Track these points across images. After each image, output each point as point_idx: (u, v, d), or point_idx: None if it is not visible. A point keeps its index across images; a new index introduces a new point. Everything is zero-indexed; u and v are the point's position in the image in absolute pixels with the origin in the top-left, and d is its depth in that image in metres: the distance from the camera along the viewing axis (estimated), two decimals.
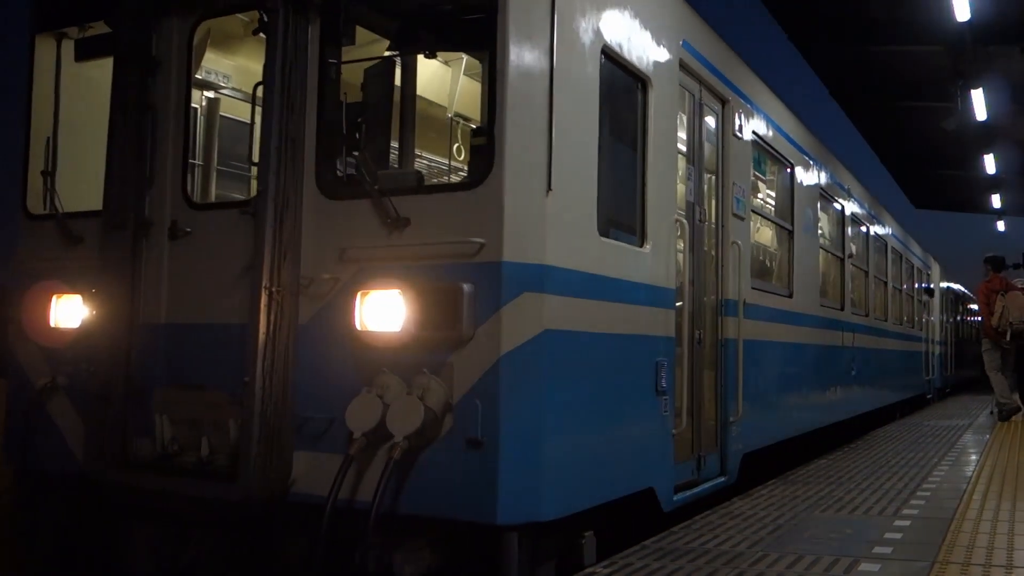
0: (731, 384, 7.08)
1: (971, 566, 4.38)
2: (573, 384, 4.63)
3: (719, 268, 7.06)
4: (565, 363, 4.56)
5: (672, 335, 5.93)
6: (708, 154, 7.07)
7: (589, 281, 4.81)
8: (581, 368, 4.73)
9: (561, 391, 4.51)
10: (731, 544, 4.94)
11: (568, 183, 4.62)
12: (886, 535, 5.14)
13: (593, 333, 4.86)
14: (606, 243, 5.06)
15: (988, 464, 8.39)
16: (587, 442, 4.77)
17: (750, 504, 6.25)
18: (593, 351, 4.86)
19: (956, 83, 14.37)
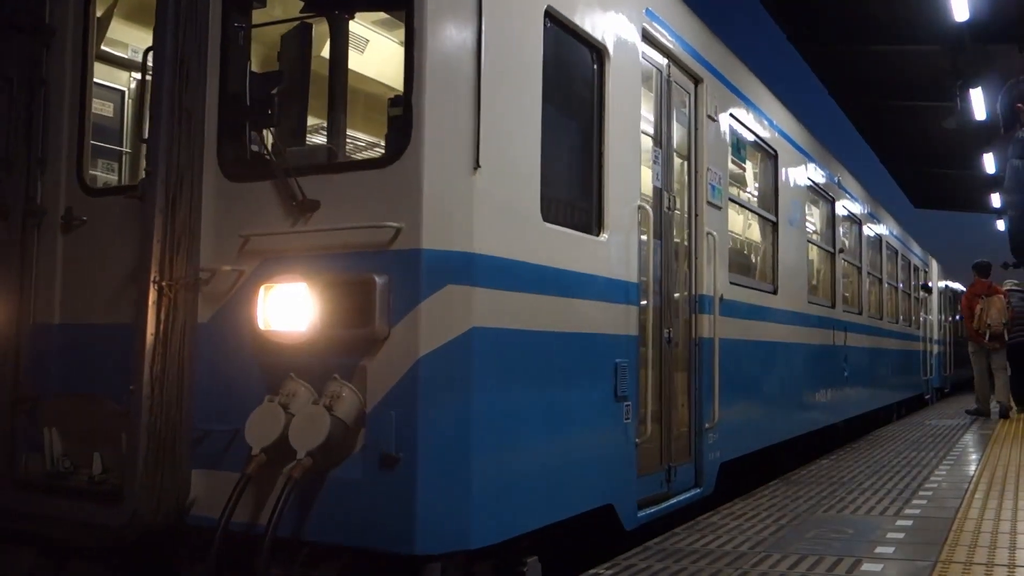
0: (706, 387, 6.50)
1: (973, 565, 4.32)
2: (510, 390, 4.05)
3: (692, 261, 6.48)
4: (500, 366, 3.98)
5: (635, 334, 5.35)
6: (679, 137, 6.48)
7: (531, 272, 4.23)
8: (521, 371, 4.15)
9: (495, 398, 3.93)
10: (733, 545, 4.87)
11: (503, 161, 4.05)
12: (888, 535, 5.07)
13: (536, 331, 4.28)
14: (553, 230, 4.48)
15: (989, 463, 8.27)
16: (529, 456, 4.19)
17: (752, 505, 6.16)
18: (536, 352, 4.28)
19: (955, 82, 14.21)
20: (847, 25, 13.58)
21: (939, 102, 15.42)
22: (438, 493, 3.66)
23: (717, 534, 5.22)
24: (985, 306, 13.49)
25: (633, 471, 5.34)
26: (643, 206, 5.46)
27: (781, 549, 4.77)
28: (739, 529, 5.35)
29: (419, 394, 3.64)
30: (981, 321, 13.53)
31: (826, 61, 15.14)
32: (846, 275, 12.47)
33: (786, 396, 8.66)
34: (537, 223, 4.33)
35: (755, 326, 7.72)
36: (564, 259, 4.57)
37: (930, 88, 15.33)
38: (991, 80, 13.83)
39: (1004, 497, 6.36)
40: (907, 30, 13.16)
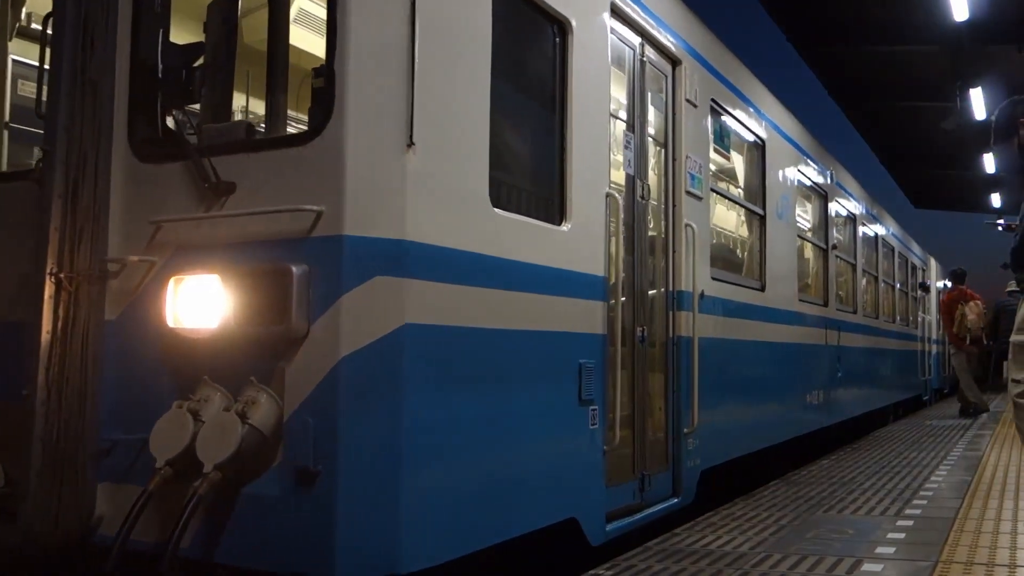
0: (685, 389, 6.08)
1: (974, 565, 4.31)
2: (451, 394, 3.63)
3: (670, 254, 6.06)
4: (439, 367, 3.56)
5: (603, 332, 4.93)
6: (655, 122, 6.07)
7: (478, 264, 3.81)
8: (465, 373, 3.72)
9: (432, 403, 3.51)
10: (734, 545, 4.86)
11: (443, 139, 3.63)
12: (889, 535, 5.07)
13: (484, 329, 3.86)
14: (505, 218, 4.06)
15: (990, 463, 8.23)
16: (473, 468, 3.77)
17: (752, 505, 6.15)
18: (484, 352, 3.86)
19: (955, 83, 14.29)
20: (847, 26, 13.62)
21: (939, 102, 15.46)
22: (362, 512, 3.23)
23: (717, 534, 5.16)
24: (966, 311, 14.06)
25: (601, 481, 4.92)
26: (612, 194, 5.04)
27: (782, 549, 4.74)
28: (739, 529, 5.30)
29: (340, 400, 3.22)
30: (962, 325, 14.11)
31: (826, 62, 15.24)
32: (840, 273, 12.05)
33: (774, 399, 8.24)
34: (485, 209, 3.91)
35: (740, 325, 7.30)
36: (519, 250, 4.15)
37: (930, 88, 15.41)
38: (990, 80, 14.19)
39: (1005, 497, 6.28)
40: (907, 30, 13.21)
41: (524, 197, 4.45)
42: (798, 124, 9.75)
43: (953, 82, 14.24)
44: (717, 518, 5.71)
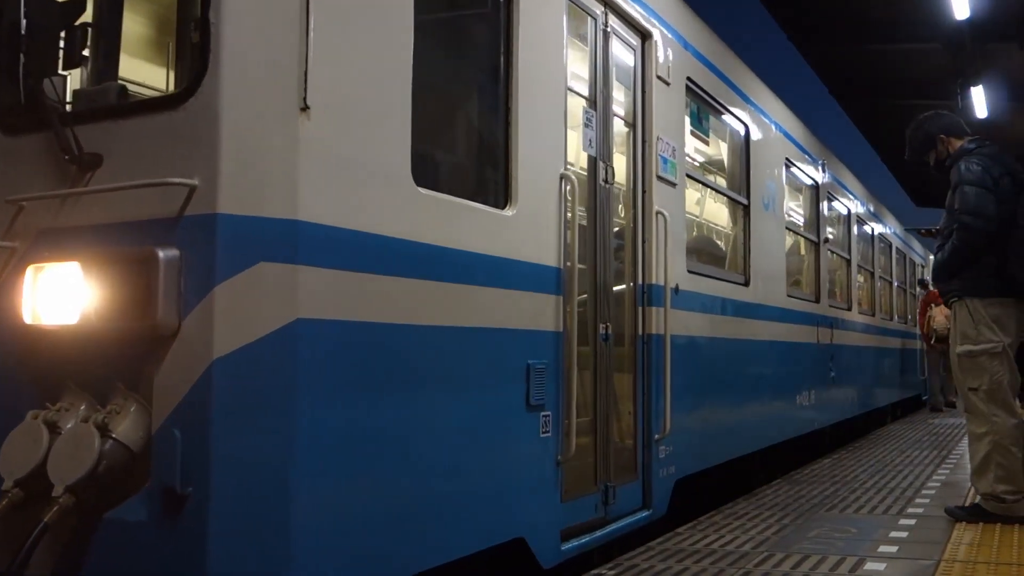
0: (656, 392, 5.56)
1: (977, 564, 4.30)
2: (359, 402, 3.11)
3: (639, 245, 5.55)
4: (343, 371, 3.04)
5: (557, 329, 4.43)
6: (622, 100, 5.56)
7: (393, 250, 3.29)
8: (377, 378, 3.21)
9: (333, 414, 2.99)
10: (736, 544, 4.83)
11: (348, 104, 3.11)
12: (891, 534, 5.04)
13: (403, 326, 3.34)
14: (432, 199, 3.55)
15: None
16: (388, 489, 3.24)
17: (755, 504, 6.11)
18: (403, 353, 3.34)
19: (956, 81, 14.19)
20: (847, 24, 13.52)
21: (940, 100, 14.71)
22: (240, 544, 2.72)
23: (720, 533, 5.12)
24: (934, 314, 14.89)
25: (555, 495, 4.41)
26: (568, 176, 4.53)
27: (784, 548, 4.71)
28: (742, 528, 5.26)
29: (213, 409, 2.70)
30: (930, 326, 15.00)
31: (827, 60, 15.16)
32: (833, 268, 11.54)
33: (759, 401, 7.72)
34: (407, 188, 3.39)
35: (721, 321, 6.79)
36: (449, 236, 3.64)
37: (931, 87, 15.29)
38: (992, 78, 14.18)
39: None
40: (907, 28, 13.13)
41: (458, 176, 3.96)
42: (787, 110, 9.23)
43: (954, 80, 14.17)
44: (719, 517, 5.64)
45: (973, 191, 5.12)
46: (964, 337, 5.11)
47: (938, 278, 5.31)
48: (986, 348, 5.07)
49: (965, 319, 5.13)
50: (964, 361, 5.13)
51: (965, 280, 5.13)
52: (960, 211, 5.08)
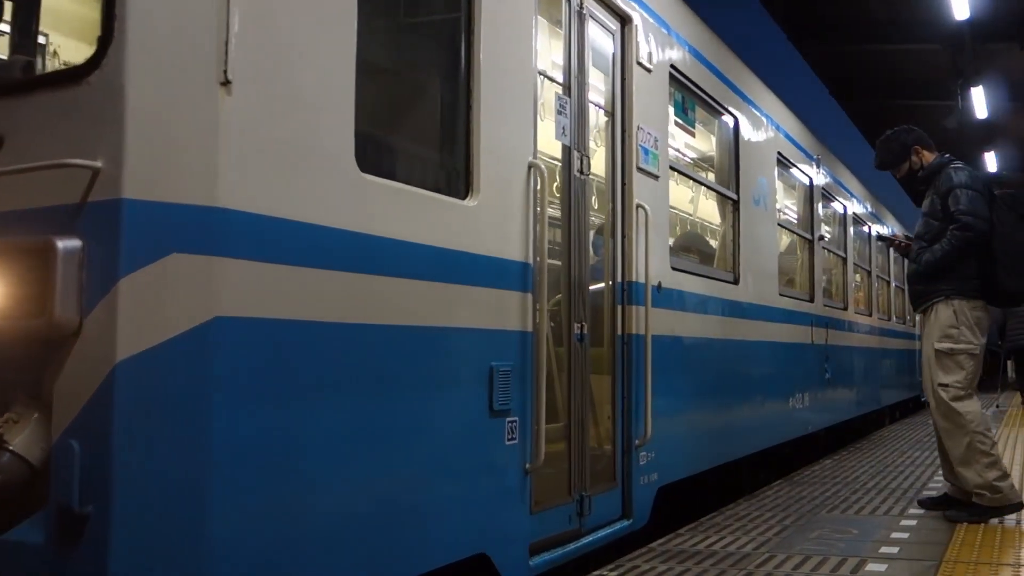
0: (637, 395, 5.27)
1: (979, 564, 4.27)
2: (292, 410, 2.81)
3: (619, 240, 5.25)
4: (272, 375, 2.75)
5: (524, 328, 4.13)
6: (600, 87, 5.27)
7: (333, 241, 3.00)
8: (315, 383, 2.91)
9: (259, 423, 2.69)
10: (738, 545, 4.83)
11: (279, 78, 2.82)
12: (893, 535, 5.03)
13: (345, 325, 3.05)
14: (379, 186, 3.25)
15: None
16: (327, 505, 2.95)
17: (756, 505, 6.12)
18: (345, 355, 3.04)
19: (956, 81, 14.41)
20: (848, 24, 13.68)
21: (940, 101, 15.54)
22: (146, 569, 2.42)
23: (721, 535, 5.12)
24: None
25: (523, 506, 4.12)
26: (538, 165, 4.24)
27: (786, 549, 4.70)
28: (743, 530, 5.27)
29: (116, 419, 2.41)
30: None
31: (827, 60, 15.34)
32: (829, 267, 11.25)
33: (749, 403, 7.43)
34: (350, 174, 3.10)
35: (708, 321, 6.50)
36: (402, 227, 3.34)
37: (931, 87, 15.68)
38: (992, 79, 14.51)
39: None
40: (908, 29, 13.31)
41: (412, 163, 3.66)
42: (780, 104, 8.94)
43: (954, 80, 14.36)
44: (721, 518, 5.64)
45: (968, 194, 5.35)
46: (945, 335, 5.29)
47: (921, 279, 5.45)
48: (966, 348, 5.30)
49: (949, 318, 5.31)
50: (942, 357, 5.30)
51: (952, 282, 5.33)
52: (959, 211, 5.27)
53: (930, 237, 5.44)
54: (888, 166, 5.73)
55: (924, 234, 5.50)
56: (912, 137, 5.68)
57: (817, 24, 13.91)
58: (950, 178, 5.43)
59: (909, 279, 5.62)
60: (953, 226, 5.28)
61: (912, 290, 5.59)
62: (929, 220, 5.49)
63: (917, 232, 5.62)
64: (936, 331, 5.33)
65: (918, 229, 5.60)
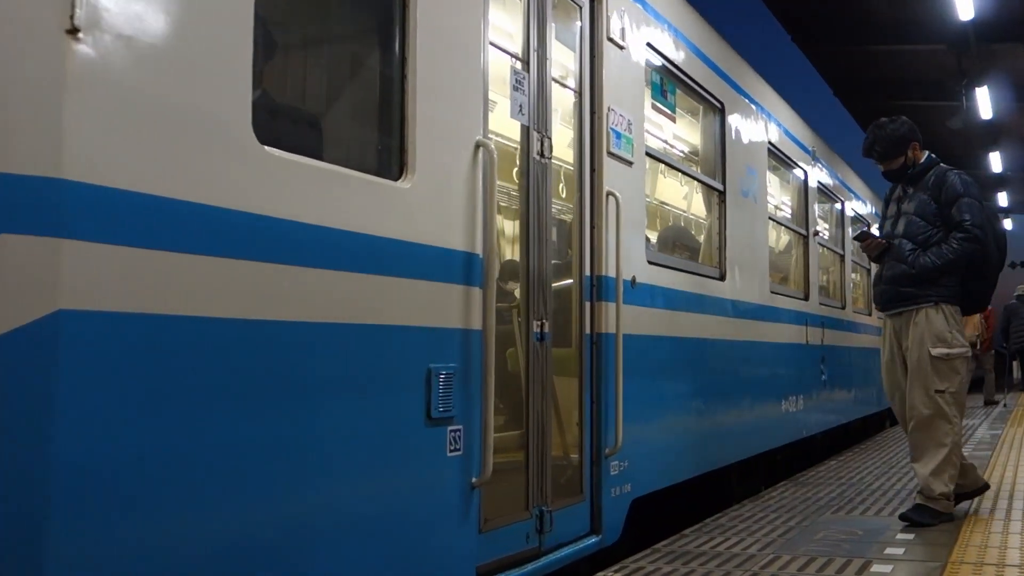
0: (607, 400, 4.84)
1: (984, 566, 4.26)
2: (160, 418, 2.38)
3: (586, 230, 4.82)
4: (136, 380, 2.32)
5: (470, 326, 3.70)
6: (566, 63, 4.85)
7: (222, 223, 2.57)
8: (196, 386, 2.48)
9: (116, 434, 2.26)
10: (743, 547, 4.81)
11: (147, 27, 2.39)
12: (898, 536, 5.02)
13: (237, 322, 2.62)
14: (284, 161, 2.82)
15: (999, 463, 8.10)
16: (219, 525, 2.53)
17: (761, 507, 6.09)
18: (234, 356, 2.61)
19: (960, 82, 14.36)
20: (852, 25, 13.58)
21: (944, 101, 15.46)
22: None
23: (726, 536, 5.10)
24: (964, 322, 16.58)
25: (469, 525, 3.69)
26: (487, 145, 3.81)
27: (790, 550, 4.68)
28: (748, 531, 5.24)
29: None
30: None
31: (831, 61, 15.26)
32: (826, 264, 10.82)
33: (736, 408, 6.99)
34: (245, 146, 2.67)
35: (690, 319, 6.06)
36: (316, 210, 2.91)
37: (935, 87, 15.48)
38: (997, 79, 14.47)
39: (1015, 497, 6.18)
40: (912, 29, 13.22)
41: (332, 137, 3.23)
42: (773, 94, 8.51)
43: (959, 81, 14.28)
44: (725, 519, 5.62)
45: (977, 205, 5.36)
46: (940, 340, 5.23)
47: (911, 281, 5.30)
48: (960, 352, 5.29)
49: (942, 323, 5.26)
50: (939, 363, 5.23)
51: (942, 287, 5.28)
52: (972, 223, 5.23)
53: (922, 239, 5.32)
54: (885, 157, 5.51)
55: (916, 235, 5.34)
56: (912, 130, 5.54)
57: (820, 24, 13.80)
58: (956, 185, 5.35)
59: (895, 279, 5.37)
60: (961, 235, 5.23)
61: (897, 291, 5.36)
62: (918, 221, 5.36)
63: (901, 232, 5.42)
64: (929, 337, 5.24)
65: (903, 229, 5.40)
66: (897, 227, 5.45)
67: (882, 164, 5.56)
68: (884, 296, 5.48)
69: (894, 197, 5.63)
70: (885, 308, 5.52)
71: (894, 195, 5.65)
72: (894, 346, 5.46)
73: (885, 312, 5.54)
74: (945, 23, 12.41)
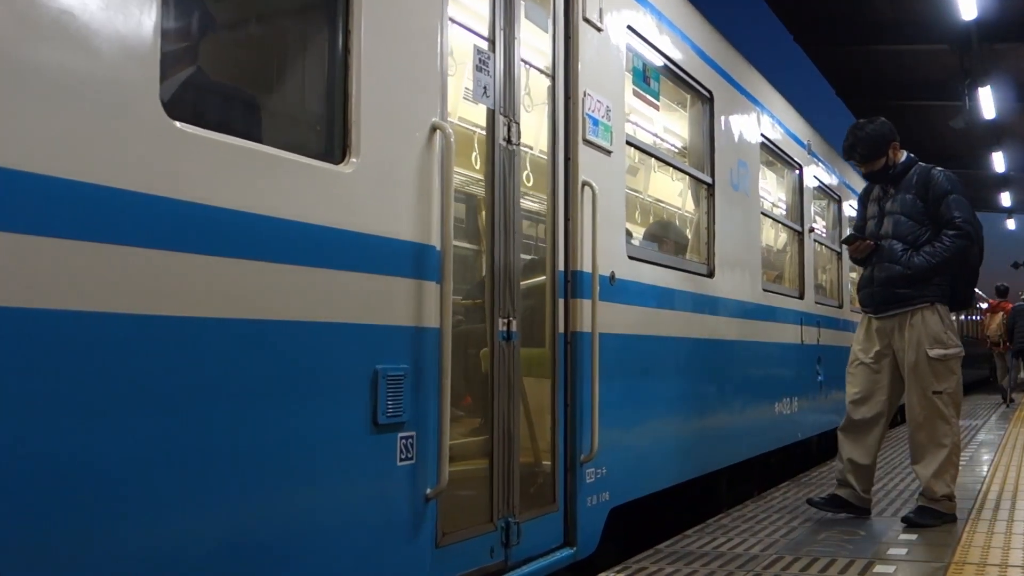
0: (583, 403, 4.55)
1: (987, 566, 4.26)
2: (49, 430, 2.10)
3: (559, 222, 4.53)
4: (22, 384, 2.03)
5: (423, 324, 3.41)
6: (537, 44, 4.55)
7: (121, 207, 2.28)
8: (87, 392, 2.19)
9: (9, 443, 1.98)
10: (745, 547, 4.80)
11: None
12: (901, 536, 5.00)
13: (148, 318, 2.33)
14: (201, 140, 2.53)
15: (1002, 463, 8.10)
16: (116, 547, 2.24)
17: (764, 507, 6.07)
18: (145, 355, 2.33)
19: (963, 81, 14.35)
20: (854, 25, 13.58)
21: (947, 101, 15.62)
22: None
23: (728, 536, 5.08)
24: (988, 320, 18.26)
25: (423, 540, 3.40)
26: (443, 127, 3.52)
27: (793, 551, 4.66)
28: (750, 531, 5.22)
29: None
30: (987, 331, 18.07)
31: (833, 61, 15.27)
32: (823, 261, 10.51)
33: (726, 410, 6.69)
34: (151, 120, 2.37)
35: (675, 318, 5.77)
36: (240, 194, 2.62)
37: (938, 87, 15.63)
38: (999, 78, 14.50)
39: (1017, 498, 6.18)
40: (914, 29, 13.24)
41: (262, 115, 2.94)
42: (766, 84, 8.21)
43: (962, 80, 14.31)
44: (727, 520, 5.59)
45: (965, 202, 5.31)
46: (937, 341, 5.18)
47: (907, 282, 5.22)
48: (956, 352, 5.23)
49: (938, 324, 5.20)
50: (936, 364, 5.18)
51: (938, 287, 5.24)
52: (963, 220, 5.19)
53: (912, 239, 5.26)
54: (867, 158, 5.43)
55: (905, 235, 5.28)
56: (890, 131, 5.46)
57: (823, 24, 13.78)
58: (943, 183, 5.30)
59: (890, 281, 5.27)
60: (953, 232, 5.18)
61: (892, 293, 5.27)
62: (906, 220, 5.30)
63: (889, 232, 5.34)
64: (927, 338, 5.18)
65: (891, 229, 5.34)
66: (883, 227, 5.37)
67: (864, 165, 5.49)
68: (877, 298, 5.36)
69: (873, 197, 5.56)
70: (878, 311, 5.39)
71: (872, 195, 5.58)
72: (877, 348, 5.38)
73: (877, 314, 5.41)
74: (948, 23, 12.37)
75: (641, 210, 6.62)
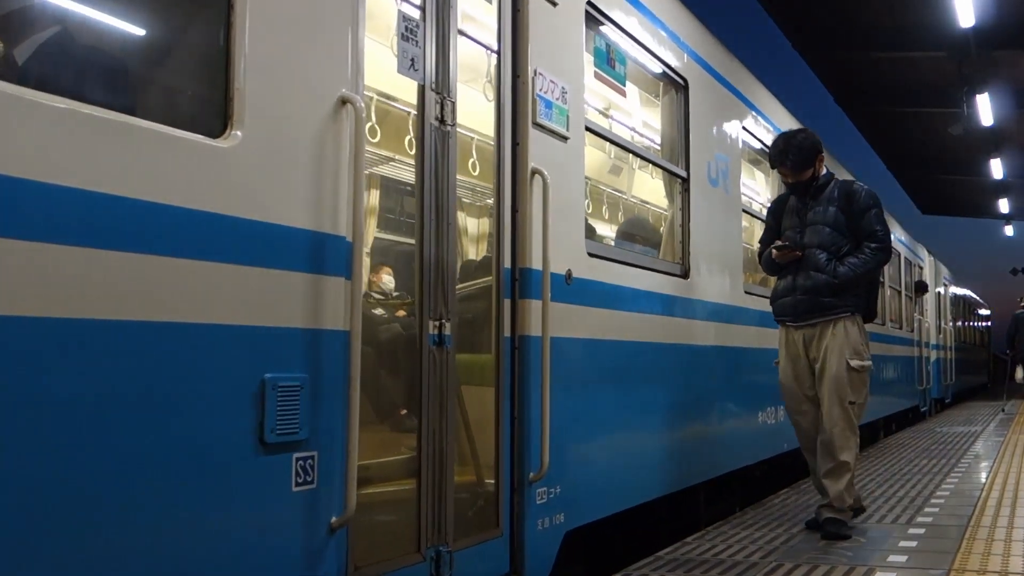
0: (531, 415, 4.08)
1: (988, 573, 4.22)
2: None
3: (504, 214, 4.07)
4: None
5: (327, 326, 2.94)
6: (479, 16, 4.11)
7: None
8: None
9: None
10: (745, 554, 4.78)
11: None
12: (900, 543, 4.98)
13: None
14: (37, 106, 2.08)
15: (1002, 470, 8.07)
16: None
17: (763, 514, 6.05)
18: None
19: (961, 88, 14.31)
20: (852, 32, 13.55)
21: (945, 108, 15.52)
22: None
23: (728, 543, 5.06)
24: None
25: (329, 575, 2.93)
26: (352, 100, 3.06)
27: (793, 558, 4.65)
28: (750, 538, 5.21)
29: None
30: None
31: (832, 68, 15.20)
32: None
33: (703, 421, 6.22)
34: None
35: (643, 321, 5.31)
36: (78, 170, 2.16)
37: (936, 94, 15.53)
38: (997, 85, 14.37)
39: (1017, 504, 6.19)
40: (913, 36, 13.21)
41: (118, 78, 2.49)
42: (746, 71, 7.75)
43: (960, 87, 14.23)
44: (727, 527, 5.58)
45: (883, 216, 5.43)
46: (856, 352, 5.23)
47: (832, 291, 5.24)
48: (869, 365, 5.33)
49: (858, 335, 5.27)
50: (853, 375, 5.22)
51: (857, 297, 5.32)
52: (884, 233, 5.32)
53: (835, 249, 5.30)
54: (798, 167, 5.36)
55: (829, 246, 5.30)
56: (819, 142, 5.46)
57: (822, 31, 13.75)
58: (865, 197, 5.37)
59: (815, 290, 5.27)
60: (875, 245, 5.28)
61: (817, 302, 5.27)
62: (829, 231, 5.32)
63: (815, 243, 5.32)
64: (848, 348, 5.22)
65: (815, 239, 5.33)
66: (805, 237, 5.36)
67: (792, 175, 5.40)
68: (800, 307, 5.34)
69: (789, 208, 5.55)
70: (799, 319, 5.37)
71: (788, 206, 5.56)
72: (800, 359, 5.39)
73: (797, 323, 5.38)
74: (946, 30, 12.37)
75: (609, 205, 6.17)
